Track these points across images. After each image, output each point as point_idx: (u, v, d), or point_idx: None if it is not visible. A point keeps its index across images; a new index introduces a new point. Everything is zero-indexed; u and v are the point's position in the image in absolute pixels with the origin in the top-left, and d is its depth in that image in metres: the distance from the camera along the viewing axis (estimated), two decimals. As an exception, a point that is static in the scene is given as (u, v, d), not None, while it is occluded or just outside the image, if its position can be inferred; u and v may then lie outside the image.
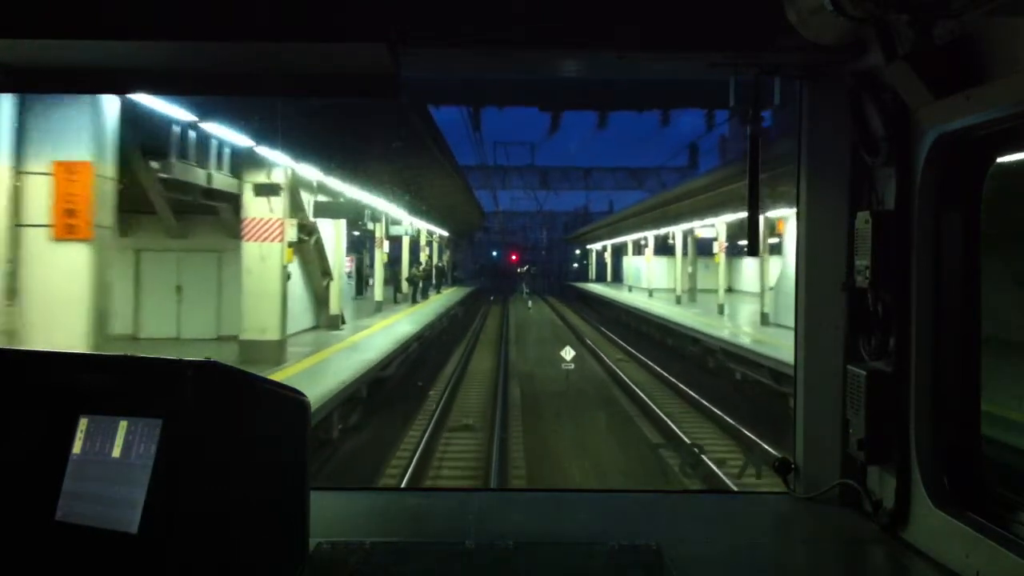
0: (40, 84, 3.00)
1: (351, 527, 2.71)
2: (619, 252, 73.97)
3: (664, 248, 53.76)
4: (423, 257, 47.45)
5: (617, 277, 73.61)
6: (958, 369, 2.50)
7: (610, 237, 69.55)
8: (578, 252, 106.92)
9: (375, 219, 32.97)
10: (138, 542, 1.73)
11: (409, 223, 39.92)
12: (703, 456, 11.77)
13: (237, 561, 1.92)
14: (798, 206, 3.08)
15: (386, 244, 35.29)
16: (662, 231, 45.40)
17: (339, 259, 26.02)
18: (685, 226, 39.04)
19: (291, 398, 2.17)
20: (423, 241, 48.04)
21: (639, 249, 57.96)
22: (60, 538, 1.82)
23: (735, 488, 10.21)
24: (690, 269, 41.34)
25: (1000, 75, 2.07)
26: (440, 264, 55.37)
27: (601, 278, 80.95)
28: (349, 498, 3.29)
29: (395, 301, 38.03)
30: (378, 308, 32.37)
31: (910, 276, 2.53)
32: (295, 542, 2.20)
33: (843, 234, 2.82)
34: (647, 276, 50.89)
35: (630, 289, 56.65)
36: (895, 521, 2.57)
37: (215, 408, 1.85)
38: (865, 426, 2.62)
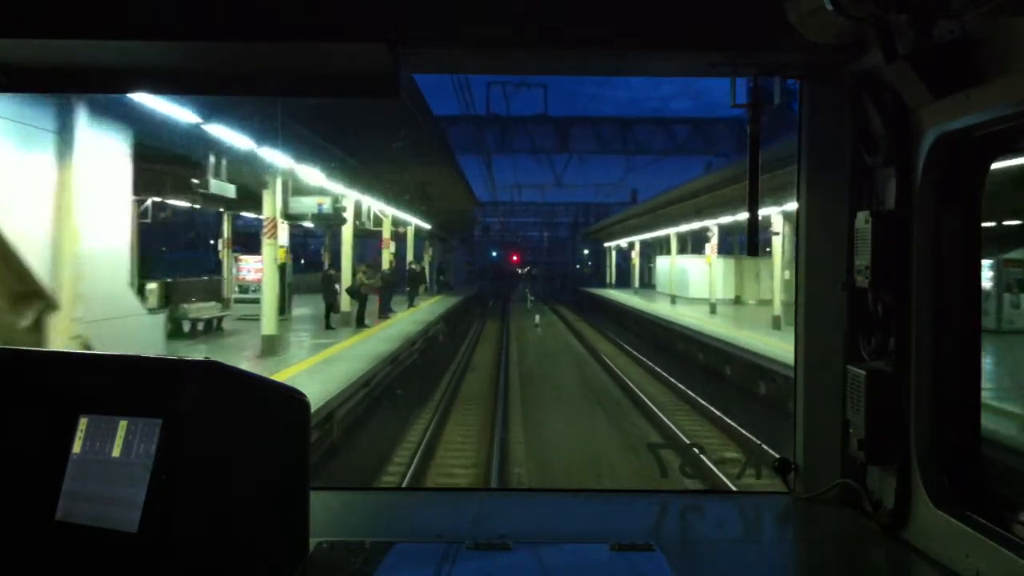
0: (40, 84, 3.01)
1: (351, 527, 2.71)
2: (648, 251, 59.14)
3: (688, 247, 43.86)
4: (386, 256, 33.63)
5: (644, 282, 57.72)
6: (958, 369, 2.49)
7: (642, 231, 51.55)
8: (587, 252, 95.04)
9: (254, 181, 18.68)
10: (138, 542, 1.74)
11: (354, 202, 26.40)
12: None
13: (237, 561, 1.92)
14: (798, 206, 3.08)
15: (283, 232, 20.46)
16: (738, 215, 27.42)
17: (65, 254, 10.88)
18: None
19: (291, 398, 2.17)
20: (386, 233, 34.01)
21: (685, 246, 44.26)
22: (60, 538, 1.82)
23: (735, 488, 10.19)
24: (787, 274, 25.61)
25: (1000, 75, 2.07)
26: (415, 266, 39.79)
27: (624, 283, 64.82)
28: (349, 498, 3.29)
29: (328, 326, 23.86)
30: (269, 350, 18.06)
31: (910, 276, 2.53)
32: (295, 542, 2.20)
33: (843, 234, 2.82)
34: (710, 282, 35.04)
35: (673, 300, 40.34)
36: (895, 521, 2.57)
37: (215, 408, 1.85)
38: (865, 426, 2.62)
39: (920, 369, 2.51)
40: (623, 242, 63.84)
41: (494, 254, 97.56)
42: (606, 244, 74.08)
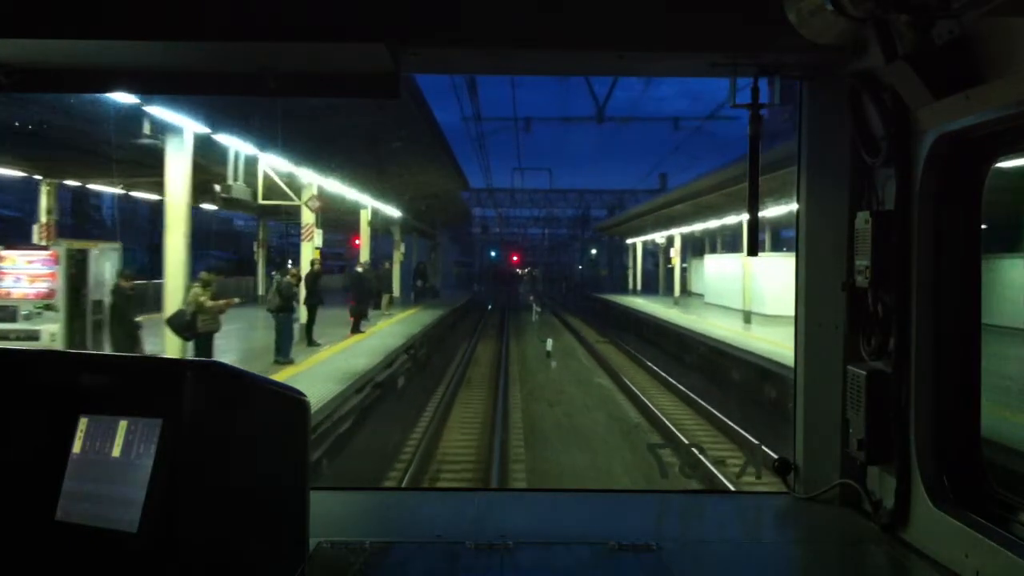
0: (40, 84, 3.01)
1: (351, 527, 2.71)
2: (686, 250, 44.92)
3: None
4: (310, 251, 21.31)
5: (670, 287, 43.34)
6: (958, 369, 2.49)
7: (687, 221, 37.55)
8: (595, 252, 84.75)
9: None
10: (138, 542, 1.73)
11: (193, 136, 14.76)
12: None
13: (237, 561, 1.92)
14: (798, 206, 3.08)
15: None
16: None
17: None
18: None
19: (291, 398, 2.17)
20: (307, 216, 21.44)
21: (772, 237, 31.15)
22: (60, 538, 1.82)
23: (734, 488, 10.19)
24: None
25: (1000, 75, 2.07)
26: (366, 270, 26.60)
27: (650, 289, 51.67)
28: (349, 498, 3.29)
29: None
30: None
31: (910, 276, 2.53)
32: (295, 542, 2.20)
33: (843, 234, 2.83)
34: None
35: (747, 320, 25.93)
36: (895, 521, 2.57)
37: (215, 408, 1.85)
38: (865, 426, 2.62)
39: (920, 369, 2.51)
40: (658, 236, 46.85)
41: (492, 254, 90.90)
42: (629, 240, 58.39)
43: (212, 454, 1.84)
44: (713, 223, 33.80)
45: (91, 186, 24.91)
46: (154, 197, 25.70)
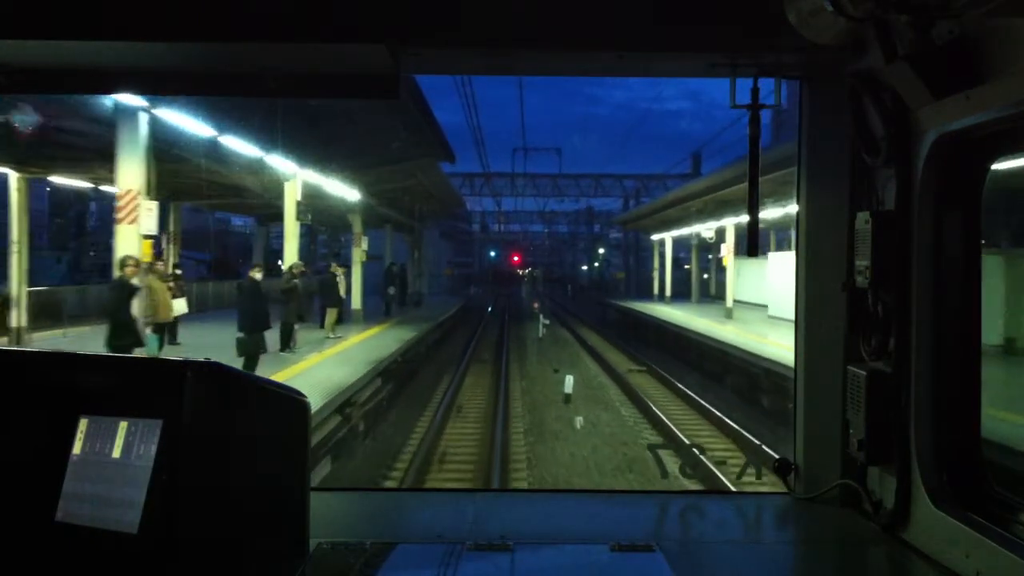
0: (40, 84, 3.01)
1: (351, 527, 2.71)
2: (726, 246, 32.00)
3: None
4: (130, 242, 12.91)
5: (707, 293, 38.49)
6: (958, 369, 2.49)
7: (736, 209, 28.31)
8: (602, 252, 77.18)
9: None
10: (138, 542, 1.74)
11: None
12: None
13: (237, 562, 1.92)
14: (798, 206, 3.08)
15: None
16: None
17: None
18: None
19: (291, 398, 2.17)
20: (126, 181, 12.97)
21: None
22: (60, 539, 1.82)
23: (735, 488, 10.15)
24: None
25: (1000, 75, 2.07)
26: (260, 277, 16.25)
27: (682, 295, 44.01)
28: (349, 498, 3.30)
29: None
30: None
31: (910, 276, 2.53)
32: (295, 542, 2.20)
33: (843, 234, 2.83)
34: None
35: None
36: (895, 521, 2.57)
37: (215, 408, 1.85)
38: (865, 426, 2.62)
39: (920, 369, 2.51)
40: (704, 228, 35.83)
41: (492, 254, 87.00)
42: (655, 236, 49.35)
43: (212, 454, 1.84)
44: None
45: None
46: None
